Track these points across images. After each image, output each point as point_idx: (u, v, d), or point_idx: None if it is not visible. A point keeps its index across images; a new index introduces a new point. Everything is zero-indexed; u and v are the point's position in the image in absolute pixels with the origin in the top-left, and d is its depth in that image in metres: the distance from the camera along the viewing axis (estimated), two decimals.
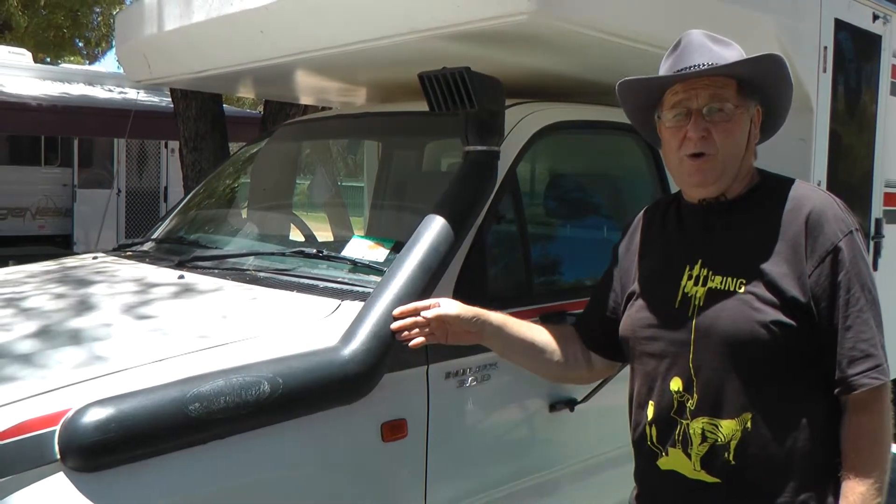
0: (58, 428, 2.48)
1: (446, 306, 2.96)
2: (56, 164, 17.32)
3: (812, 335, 2.41)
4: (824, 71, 4.94)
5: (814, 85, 4.89)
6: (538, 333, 3.06)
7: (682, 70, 2.53)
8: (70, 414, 2.50)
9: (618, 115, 4.23)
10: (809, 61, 4.81)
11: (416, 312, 2.97)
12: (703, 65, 2.50)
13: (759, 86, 2.58)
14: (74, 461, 2.46)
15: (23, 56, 18.03)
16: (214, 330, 3.10)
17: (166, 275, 3.94)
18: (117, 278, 3.98)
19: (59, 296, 3.68)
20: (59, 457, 2.46)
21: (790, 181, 2.59)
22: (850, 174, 5.55)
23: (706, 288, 2.52)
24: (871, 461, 2.37)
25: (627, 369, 2.85)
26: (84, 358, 2.86)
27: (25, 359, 2.85)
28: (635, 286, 2.76)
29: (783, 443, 2.42)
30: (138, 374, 2.72)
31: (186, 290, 3.66)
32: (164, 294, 3.59)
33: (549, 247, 4.23)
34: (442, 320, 2.95)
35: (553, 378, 3.37)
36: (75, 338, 3.04)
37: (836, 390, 2.41)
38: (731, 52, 2.55)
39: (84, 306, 3.47)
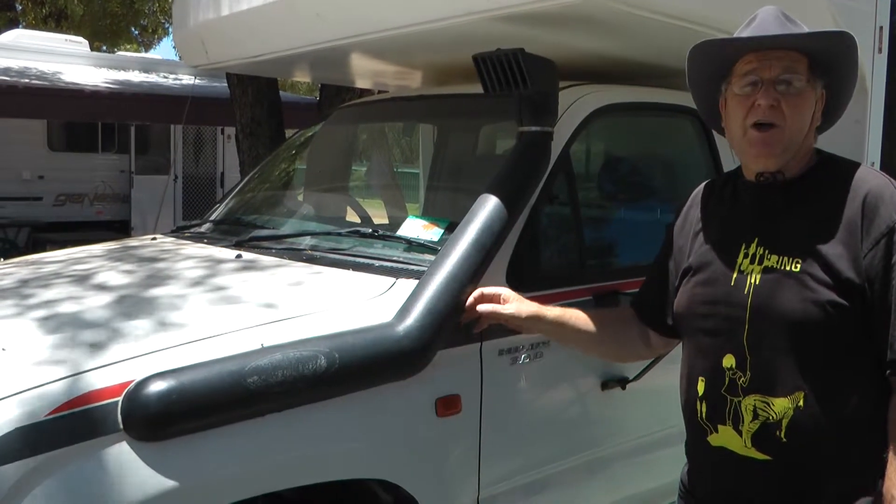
0: (121, 399, 2.54)
1: (506, 307, 3.11)
2: (113, 150, 17.37)
3: (866, 317, 2.40)
4: (880, 52, 4.88)
5: (869, 66, 4.83)
6: (596, 323, 3.11)
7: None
8: (133, 385, 2.56)
9: (672, 98, 4.27)
10: (865, 41, 4.75)
11: (479, 299, 3.14)
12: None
13: (828, 67, 2.57)
14: (137, 431, 2.52)
15: (80, 44, 18.14)
16: (271, 306, 3.14)
17: (224, 254, 3.99)
18: (176, 257, 4.04)
19: (121, 273, 3.75)
20: (122, 426, 2.51)
21: (848, 163, 2.59)
22: None
23: (762, 266, 2.52)
24: None
25: (680, 346, 2.86)
26: (145, 331, 2.91)
27: (89, 332, 2.91)
28: (691, 262, 2.75)
29: (835, 422, 2.41)
30: (198, 348, 2.77)
31: (244, 269, 3.71)
32: (222, 272, 3.64)
33: (601, 227, 4.25)
34: (495, 317, 3.11)
35: (613, 359, 3.41)
36: (136, 312, 3.10)
37: (887, 372, 2.41)
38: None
39: (144, 283, 3.52)
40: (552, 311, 3.11)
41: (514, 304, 3.11)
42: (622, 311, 3.15)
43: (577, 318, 3.11)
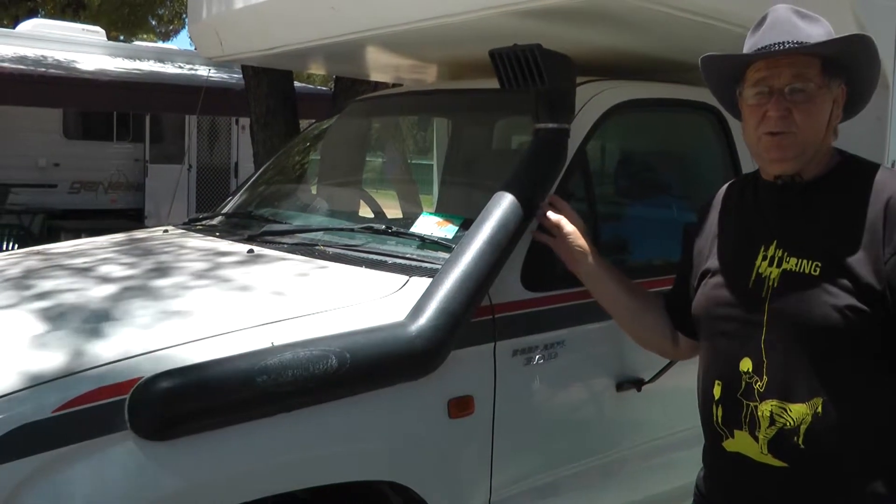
0: (128, 397, 2.51)
1: (567, 223, 3.31)
2: (128, 139, 17.48)
3: (886, 323, 2.34)
4: None
5: (890, 62, 4.75)
6: (638, 297, 3.14)
7: (765, 47, 2.48)
8: (140, 383, 2.54)
9: (690, 94, 4.22)
10: (886, 37, 4.66)
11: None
12: (788, 43, 2.45)
13: (845, 65, 2.52)
14: (143, 429, 2.50)
15: (97, 34, 18.22)
16: (283, 304, 3.12)
17: (236, 248, 3.96)
18: (188, 251, 4.02)
19: (131, 266, 3.73)
20: (128, 425, 2.49)
21: (870, 164, 2.54)
22: None
23: (781, 269, 2.47)
24: None
25: None
26: (154, 328, 2.88)
27: (97, 328, 2.88)
28: (709, 264, 2.71)
29: (854, 429, 2.37)
30: (207, 346, 2.74)
31: (256, 264, 3.68)
32: (233, 267, 3.61)
33: (618, 225, 4.20)
34: (558, 228, 3.31)
35: (636, 338, 3.30)
36: (145, 308, 3.07)
37: None
38: (818, 29, 2.49)
39: (155, 278, 3.50)
40: (604, 260, 3.21)
41: (574, 228, 3.28)
42: (660, 301, 3.12)
43: (624, 281, 3.18)
